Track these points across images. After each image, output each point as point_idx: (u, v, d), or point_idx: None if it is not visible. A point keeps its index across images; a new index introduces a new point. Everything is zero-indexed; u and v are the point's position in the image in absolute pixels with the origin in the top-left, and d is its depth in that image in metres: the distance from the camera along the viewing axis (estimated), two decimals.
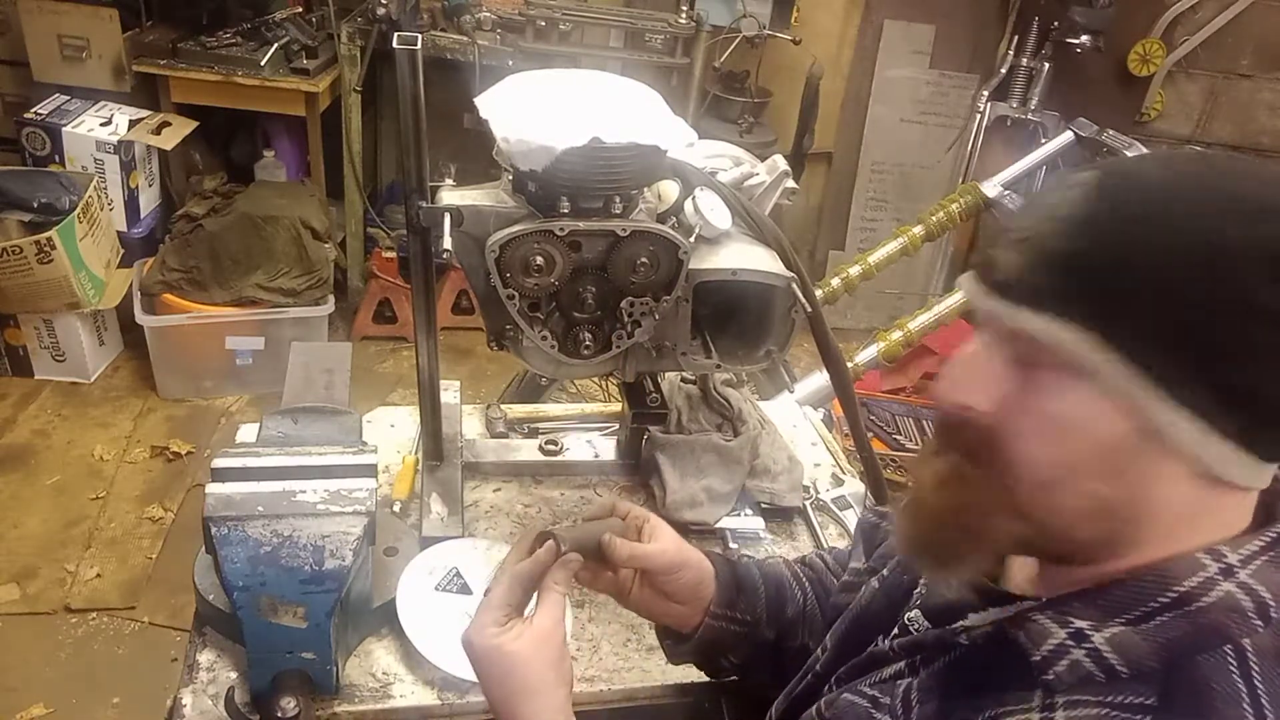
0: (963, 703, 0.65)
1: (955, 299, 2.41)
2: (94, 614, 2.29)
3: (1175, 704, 0.57)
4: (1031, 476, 0.61)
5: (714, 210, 1.13)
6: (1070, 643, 0.60)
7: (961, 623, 0.70)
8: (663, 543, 0.93)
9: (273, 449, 1.11)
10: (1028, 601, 0.66)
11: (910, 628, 0.76)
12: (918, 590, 0.79)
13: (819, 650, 0.87)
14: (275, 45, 3.12)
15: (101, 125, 2.98)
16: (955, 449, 0.65)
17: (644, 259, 1.09)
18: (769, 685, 1.02)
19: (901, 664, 0.74)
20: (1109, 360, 0.56)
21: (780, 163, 1.28)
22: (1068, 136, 2.75)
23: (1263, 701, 0.56)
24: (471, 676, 1.10)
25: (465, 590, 1.21)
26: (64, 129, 2.93)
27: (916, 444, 2.97)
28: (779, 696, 0.91)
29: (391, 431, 1.54)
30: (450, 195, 1.10)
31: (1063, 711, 0.59)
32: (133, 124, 3.02)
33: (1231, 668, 0.57)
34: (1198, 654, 0.57)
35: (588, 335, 1.15)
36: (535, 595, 0.84)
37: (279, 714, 0.99)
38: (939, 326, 2.46)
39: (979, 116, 3.75)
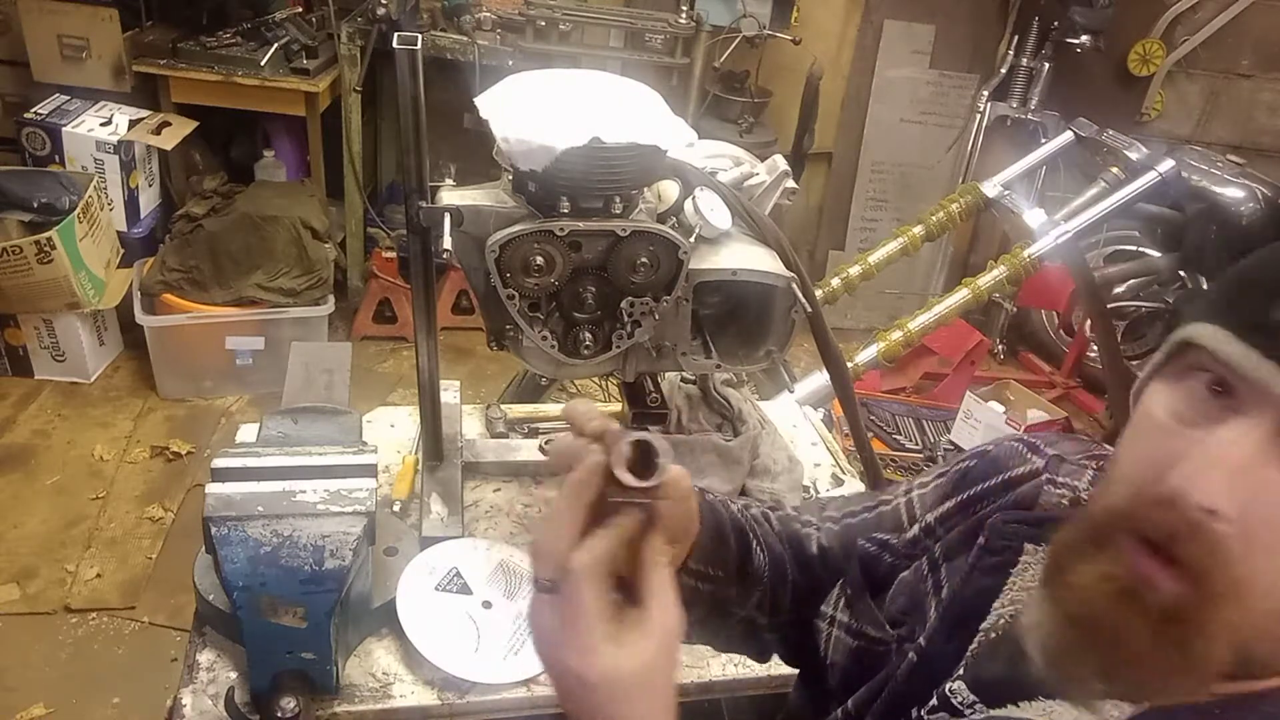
0: None
1: (956, 299, 2.41)
2: (94, 614, 2.29)
3: None
4: (1275, 601, 0.51)
5: (714, 210, 1.13)
6: None
7: (1019, 712, 0.62)
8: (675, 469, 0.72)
9: (273, 449, 1.11)
10: (1120, 707, 0.56)
11: (952, 700, 0.68)
12: (964, 660, 0.70)
13: (840, 714, 0.77)
14: (275, 45, 3.12)
15: (101, 125, 2.98)
16: (1159, 557, 0.52)
17: (644, 259, 1.09)
18: (720, 648, 0.94)
19: None
20: None
21: (780, 163, 1.28)
22: (1068, 136, 2.75)
23: None
24: (472, 677, 1.11)
25: (465, 590, 1.21)
26: (64, 129, 2.93)
27: (916, 444, 2.97)
28: None
29: (391, 431, 1.54)
30: (450, 195, 1.10)
31: None
32: (133, 124, 3.02)
33: None
34: None
35: (588, 335, 1.15)
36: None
37: (279, 714, 0.99)
38: (939, 326, 2.46)
39: (979, 116, 3.75)
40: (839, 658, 0.82)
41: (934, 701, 0.68)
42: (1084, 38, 3.49)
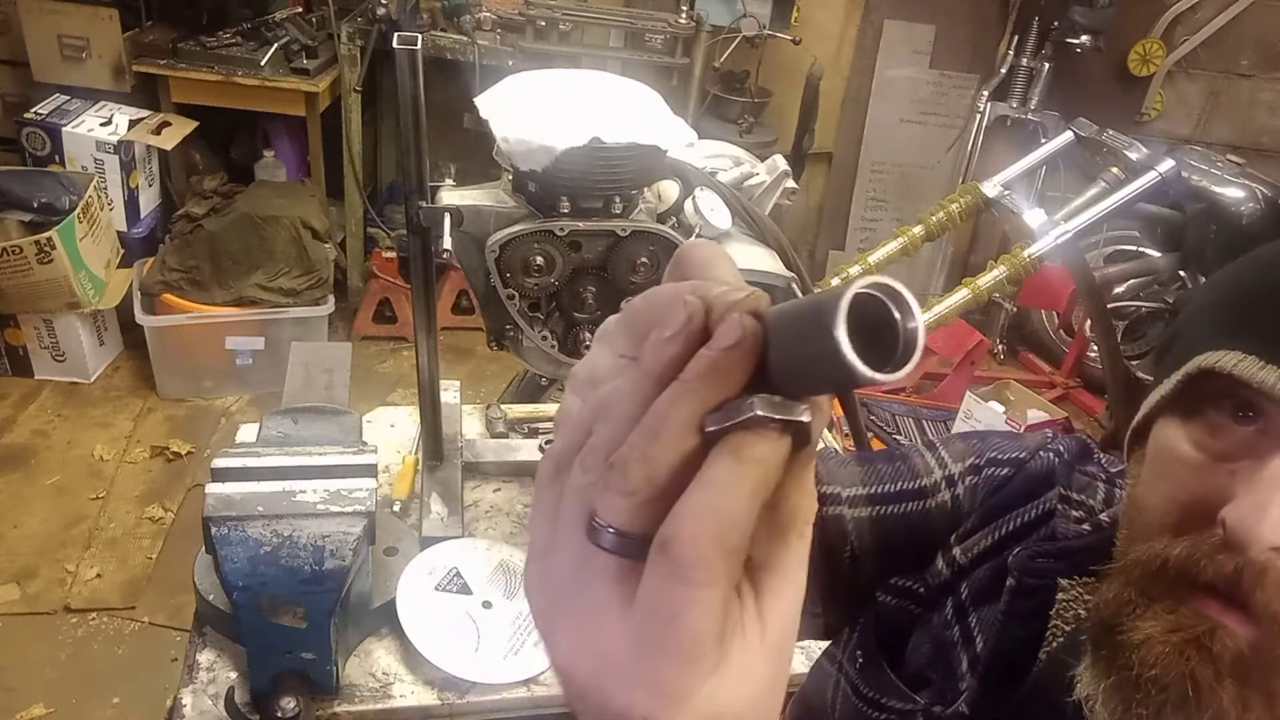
0: None
1: (956, 299, 2.41)
2: (94, 614, 2.29)
3: None
4: None
5: (714, 210, 1.13)
6: None
7: None
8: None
9: (273, 449, 1.11)
10: None
11: None
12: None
13: None
14: (275, 45, 3.12)
15: (101, 125, 2.98)
16: (1223, 601, 0.48)
17: (644, 259, 1.09)
18: None
19: None
20: None
21: (780, 163, 1.28)
22: (1068, 136, 2.75)
23: None
24: (472, 677, 1.11)
25: (465, 590, 1.21)
26: (64, 129, 2.93)
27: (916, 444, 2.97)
28: None
29: (391, 431, 1.53)
30: (450, 195, 1.10)
31: None
32: (133, 124, 3.02)
33: None
34: None
35: (588, 335, 1.15)
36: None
37: (279, 714, 0.99)
38: (939, 326, 2.46)
39: (979, 116, 3.75)
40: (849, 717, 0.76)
41: None
42: (1084, 38, 3.49)
